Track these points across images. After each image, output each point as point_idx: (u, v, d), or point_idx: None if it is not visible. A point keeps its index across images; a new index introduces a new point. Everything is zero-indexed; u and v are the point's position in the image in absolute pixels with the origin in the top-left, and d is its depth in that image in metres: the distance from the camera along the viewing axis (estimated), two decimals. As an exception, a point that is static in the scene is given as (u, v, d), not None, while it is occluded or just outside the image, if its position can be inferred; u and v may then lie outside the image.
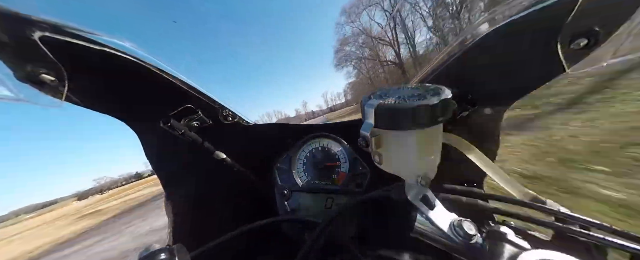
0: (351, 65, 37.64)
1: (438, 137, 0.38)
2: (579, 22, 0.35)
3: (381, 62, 31.89)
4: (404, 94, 0.35)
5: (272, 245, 0.76)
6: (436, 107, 0.32)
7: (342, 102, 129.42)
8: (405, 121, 0.32)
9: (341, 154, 0.81)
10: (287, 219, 0.73)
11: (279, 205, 0.78)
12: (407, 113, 0.32)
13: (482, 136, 0.55)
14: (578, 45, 0.36)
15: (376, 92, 0.40)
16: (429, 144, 0.37)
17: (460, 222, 0.36)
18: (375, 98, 0.36)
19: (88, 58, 0.45)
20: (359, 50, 34.87)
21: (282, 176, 0.81)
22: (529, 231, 0.39)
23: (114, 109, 0.57)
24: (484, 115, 0.54)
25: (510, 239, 0.32)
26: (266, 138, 0.85)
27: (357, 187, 0.74)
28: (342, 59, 37.05)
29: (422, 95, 0.34)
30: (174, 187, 0.71)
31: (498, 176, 0.44)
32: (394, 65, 29.97)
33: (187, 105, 0.66)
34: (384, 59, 31.46)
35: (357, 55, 35.59)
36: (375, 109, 0.34)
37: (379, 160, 0.40)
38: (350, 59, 36.40)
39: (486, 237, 0.35)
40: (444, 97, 0.32)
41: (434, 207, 0.40)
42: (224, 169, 0.79)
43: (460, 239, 0.35)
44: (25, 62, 0.39)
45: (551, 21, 0.37)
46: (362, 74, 39.04)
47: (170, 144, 0.68)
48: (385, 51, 31.36)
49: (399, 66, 28.69)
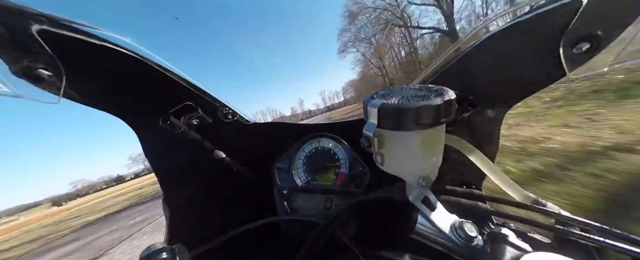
0: (356, 49, 36.00)
1: (441, 138, 0.38)
2: (581, 26, 0.35)
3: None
4: (407, 94, 0.35)
5: (271, 245, 0.76)
6: (440, 107, 0.31)
7: (340, 101, 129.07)
8: (409, 122, 0.32)
9: (341, 154, 0.81)
10: (287, 219, 0.73)
11: (278, 205, 0.78)
12: (411, 113, 0.32)
13: (482, 138, 0.56)
14: (580, 49, 0.37)
15: (379, 92, 0.39)
16: (431, 145, 0.37)
17: (461, 224, 0.36)
18: (379, 98, 0.36)
19: (87, 53, 0.44)
20: (369, 28, 32.79)
21: (282, 176, 0.81)
22: (530, 233, 0.40)
23: (113, 105, 0.56)
24: (484, 117, 0.54)
25: (512, 241, 0.32)
26: (266, 137, 0.85)
27: (356, 187, 0.74)
28: (348, 44, 35.40)
29: (425, 95, 0.34)
30: (173, 186, 0.71)
31: (499, 178, 0.44)
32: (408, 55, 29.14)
33: (187, 102, 0.65)
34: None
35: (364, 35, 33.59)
36: (379, 109, 0.34)
37: (381, 160, 0.40)
38: (359, 39, 34.60)
39: (487, 239, 0.35)
40: (447, 98, 0.32)
41: (435, 208, 0.39)
42: (223, 168, 0.78)
43: (461, 240, 0.35)
44: (21, 56, 0.38)
45: (554, 25, 0.37)
46: (368, 61, 37.62)
47: (170, 142, 0.67)
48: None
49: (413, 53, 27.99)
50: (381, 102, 0.34)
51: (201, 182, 0.80)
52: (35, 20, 0.37)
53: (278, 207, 0.78)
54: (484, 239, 0.35)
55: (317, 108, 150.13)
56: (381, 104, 0.34)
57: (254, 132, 0.83)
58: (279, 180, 0.80)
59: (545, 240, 0.38)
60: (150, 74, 0.53)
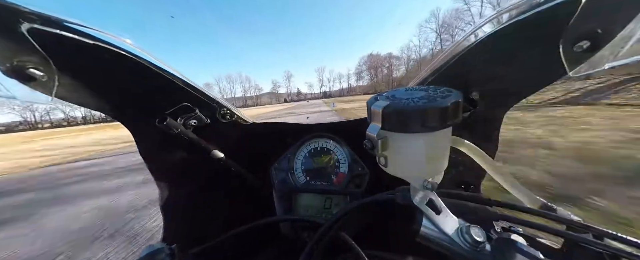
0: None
1: (447, 140, 0.37)
2: (581, 25, 0.35)
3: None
4: (412, 96, 0.34)
5: (270, 245, 0.75)
6: (447, 110, 0.30)
7: (341, 88, 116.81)
8: (415, 124, 0.31)
9: (340, 155, 0.80)
10: (286, 219, 0.72)
11: (277, 205, 0.77)
12: (417, 115, 0.30)
13: (482, 137, 0.55)
14: (580, 47, 0.36)
15: (383, 92, 0.38)
16: (437, 147, 0.36)
17: (467, 228, 0.35)
18: (383, 99, 0.35)
19: (80, 53, 0.43)
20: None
21: (281, 176, 0.80)
22: (538, 239, 0.39)
23: (107, 106, 0.55)
24: (485, 116, 0.54)
25: (521, 247, 0.31)
26: (265, 137, 0.84)
27: (356, 187, 0.73)
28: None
29: (431, 97, 0.33)
30: (170, 187, 0.70)
31: (506, 182, 0.43)
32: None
33: (184, 103, 0.64)
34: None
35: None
36: (383, 111, 0.32)
37: (385, 162, 0.39)
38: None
39: (495, 244, 0.34)
40: (454, 99, 0.31)
41: (440, 212, 0.38)
42: (221, 169, 0.77)
43: (467, 245, 0.34)
44: (11, 55, 0.37)
45: (554, 23, 0.37)
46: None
47: (166, 143, 0.66)
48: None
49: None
50: (386, 103, 0.33)
51: (199, 182, 0.79)
52: (26, 18, 0.35)
53: (277, 207, 0.77)
54: (491, 244, 0.34)
55: (309, 92, 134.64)
56: (385, 106, 0.32)
57: (252, 132, 0.82)
58: (278, 180, 0.79)
59: (555, 246, 0.37)
60: (145, 74, 0.51)
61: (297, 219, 0.69)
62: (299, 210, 0.75)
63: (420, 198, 0.39)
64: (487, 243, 0.34)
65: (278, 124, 0.85)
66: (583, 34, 0.35)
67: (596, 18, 0.34)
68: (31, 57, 0.38)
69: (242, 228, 0.53)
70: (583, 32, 0.35)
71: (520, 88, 0.48)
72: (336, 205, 0.73)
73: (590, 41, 0.35)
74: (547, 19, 0.37)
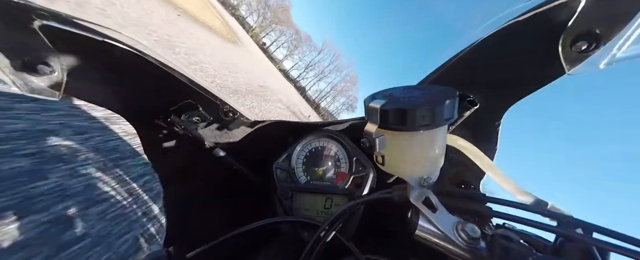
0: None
1: (443, 139, 0.38)
2: (580, 25, 0.36)
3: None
4: (409, 95, 0.35)
5: (271, 245, 0.76)
6: (443, 108, 0.31)
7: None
8: (411, 122, 0.32)
9: (342, 154, 0.80)
10: (286, 219, 0.72)
11: (278, 205, 0.77)
12: (413, 114, 0.31)
13: (481, 137, 0.56)
14: (579, 47, 0.37)
15: (380, 91, 0.39)
16: (433, 146, 0.36)
17: (463, 225, 0.36)
18: (380, 98, 0.36)
19: (88, 49, 0.44)
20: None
21: (282, 175, 0.81)
22: (533, 235, 0.39)
23: (113, 102, 0.56)
24: (484, 116, 0.54)
25: (515, 243, 0.32)
26: (266, 136, 0.85)
27: (357, 187, 0.73)
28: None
29: (428, 96, 0.34)
30: (173, 184, 0.70)
31: (500, 179, 0.44)
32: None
33: (188, 100, 0.65)
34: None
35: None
36: (380, 109, 0.33)
37: (382, 161, 0.39)
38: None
39: (490, 241, 0.34)
40: (451, 98, 0.32)
41: (437, 209, 0.39)
42: (223, 167, 0.78)
43: (463, 242, 0.35)
44: (23, 51, 0.38)
45: (553, 24, 0.37)
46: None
47: (170, 140, 0.67)
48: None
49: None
50: (383, 102, 0.34)
51: (201, 180, 0.80)
52: (38, 15, 0.37)
53: (278, 206, 0.77)
54: (486, 241, 0.34)
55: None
56: (383, 104, 0.33)
57: (254, 131, 0.83)
58: (279, 180, 0.80)
59: (548, 241, 0.37)
60: (151, 71, 0.53)
61: (295, 219, 0.69)
62: (300, 211, 0.75)
63: (417, 196, 0.40)
64: (482, 239, 0.35)
65: (280, 122, 0.85)
66: (582, 34, 0.36)
67: (595, 19, 0.35)
68: (41, 53, 0.40)
69: (241, 229, 0.53)
70: (582, 32, 0.36)
71: (519, 87, 0.49)
72: (337, 205, 0.73)
73: (588, 41, 0.36)
74: (546, 19, 0.37)
